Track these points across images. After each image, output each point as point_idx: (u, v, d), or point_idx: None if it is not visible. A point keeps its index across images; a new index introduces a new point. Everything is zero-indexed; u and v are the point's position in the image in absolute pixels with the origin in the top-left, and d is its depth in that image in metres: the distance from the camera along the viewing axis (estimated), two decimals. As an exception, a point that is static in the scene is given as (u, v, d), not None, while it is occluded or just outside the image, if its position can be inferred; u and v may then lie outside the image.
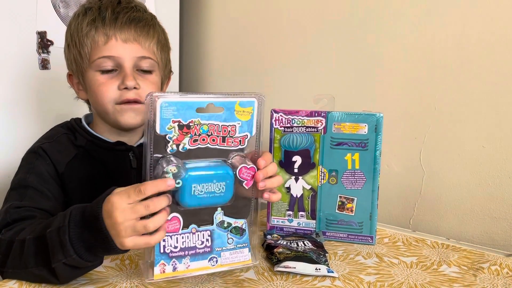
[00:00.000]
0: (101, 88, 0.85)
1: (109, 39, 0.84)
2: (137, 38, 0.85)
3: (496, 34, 1.04)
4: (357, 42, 1.28)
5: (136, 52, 0.85)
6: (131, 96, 0.85)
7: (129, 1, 0.89)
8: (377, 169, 0.90)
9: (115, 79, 0.85)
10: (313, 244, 0.85)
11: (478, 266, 0.81)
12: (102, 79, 0.85)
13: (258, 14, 1.51)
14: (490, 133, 1.06)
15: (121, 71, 0.85)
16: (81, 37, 0.85)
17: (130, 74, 0.84)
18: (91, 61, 0.84)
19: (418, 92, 1.16)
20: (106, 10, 0.85)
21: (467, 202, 1.10)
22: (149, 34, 0.87)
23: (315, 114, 0.91)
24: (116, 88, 0.85)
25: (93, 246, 0.64)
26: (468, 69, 1.09)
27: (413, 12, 1.17)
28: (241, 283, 0.72)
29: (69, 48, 0.88)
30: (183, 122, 0.62)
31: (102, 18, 0.84)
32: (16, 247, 0.68)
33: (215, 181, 0.65)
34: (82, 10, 0.88)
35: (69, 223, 0.64)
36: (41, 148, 0.85)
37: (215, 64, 1.67)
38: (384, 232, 0.97)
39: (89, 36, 0.84)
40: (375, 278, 0.75)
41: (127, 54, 0.84)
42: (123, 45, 0.84)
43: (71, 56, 0.88)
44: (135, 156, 0.90)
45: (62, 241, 0.63)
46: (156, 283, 0.70)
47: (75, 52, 0.86)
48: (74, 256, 0.63)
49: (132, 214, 0.60)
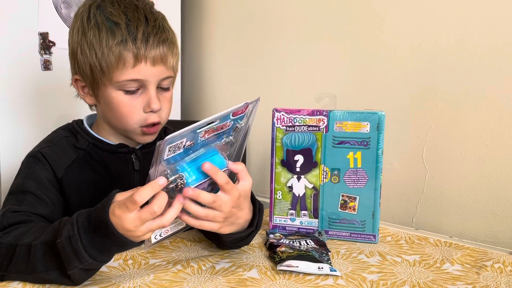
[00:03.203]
0: (125, 109, 0.84)
1: (138, 62, 0.81)
2: (164, 59, 0.84)
3: (498, 32, 1.04)
4: (359, 41, 1.28)
5: (161, 73, 0.84)
6: (155, 119, 0.85)
7: (154, 17, 0.85)
8: (379, 168, 0.90)
9: (140, 101, 0.84)
10: (315, 243, 0.85)
11: (481, 264, 0.81)
12: (126, 99, 0.83)
13: (259, 12, 1.51)
14: (493, 131, 1.06)
15: (145, 92, 0.84)
16: (105, 52, 0.81)
17: (156, 97, 0.84)
18: (116, 80, 0.82)
19: (420, 90, 1.16)
20: (137, 30, 0.81)
21: (470, 200, 1.10)
22: (174, 52, 0.86)
23: (317, 113, 0.91)
24: (141, 110, 0.84)
25: (107, 248, 0.66)
26: (470, 67, 1.08)
27: (416, 10, 1.16)
28: (244, 282, 0.72)
29: (83, 55, 0.84)
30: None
31: (132, 39, 0.80)
32: (21, 252, 0.69)
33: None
34: (102, 20, 0.82)
35: (78, 231, 0.65)
36: (40, 152, 0.85)
37: (216, 63, 1.67)
38: (387, 231, 0.97)
39: (115, 54, 0.80)
40: (378, 276, 0.75)
41: (153, 76, 0.83)
42: (151, 68, 0.82)
43: (85, 65, 0.84)
44: (138, 158, 0.90)
45: (75, 249, 0.65)
46: (163, 269, 0.70)
47: (94, 62, 0.82)
48: (90, 261, 0.65)
49: (141, 222, 0.64)
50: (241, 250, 0.85)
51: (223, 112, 0.66)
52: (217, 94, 1.68)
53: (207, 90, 1.70)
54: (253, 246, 0.87)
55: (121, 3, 0.83)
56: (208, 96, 1.71)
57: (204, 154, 0.69)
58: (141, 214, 0.63)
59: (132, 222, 0.63)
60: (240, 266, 0.78)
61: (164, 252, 0.84)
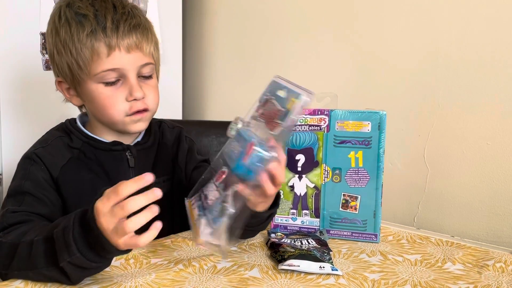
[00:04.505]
0: (108, 101, 0.83)
1: (112, 50, 0.80)
2: (139, 45, 0.83)
3: (500, 31, 1.04)
4: (360, 40, 1.27)
5: (139, 60, 0.83)
6: (140, 106, 0.84)
7: (123, 4, 0.85)
8: (381, 167, 0.90)
9: (121, 91, 0.83)
10: (317, 242, 0.85)
11: (483, 264, 0.81)
12: (107, 91, 0.83)
13: (260, 12, 1.51)
14: (495, 130, 1.06)
15: (125, 81, 0.83)
16: (78, 47, 0.80)
17: (137, 85, 0.83)
18: (93, 73, 0.81)
19: (421, 89, 1.16)
20: (105, 19, 0.80)
21: (472, 199, 1.10)
22: (149, 38, 0.85)
23: (318, 113, 0.91)
24: (124, 100, 0.83)
25: (92, 245, 0.65)
26: (472, 66, 1.08)
27: (417, 9, 1.16)
28: (245, 281, 0.72)
29: (59, 55, 0.83)
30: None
31: (102, 28, 0.80)
32: (23, 249, 0.69)
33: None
34: (72, 16, 0.82)
35: (73, 223, 0.65)
36: (34, 153, 0.85)
37: (218, 63, 1.67)
38: (388, 230, 0.97)
39: (88, 47, 0.80)
40: (380, 276, 0.75)
41: (131, 64, 0.82)
42: (127, 55, 0.82)
43: (63, 64, 0.84)
44: (133, 155, 0.90)
45: (66, 241, 0.64)
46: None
47: (69, 60, 0.82)
48: (78, 255, 0.64)
49: (112, 218, 0.62)
50: (243, 250, 0.85)
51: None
52: (219, 93, 1.68)
53: (209, 89, 1.70)
54: (254, 246, 0.87)
55: None
56: (209, 95, 1.71)
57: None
58: (113, 208, 0.61)
59: (104, 216, 0.61)
60: (241, 266, 0.78)
61: (165, 251, 0.84)
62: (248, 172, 0.67)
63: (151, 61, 0.86)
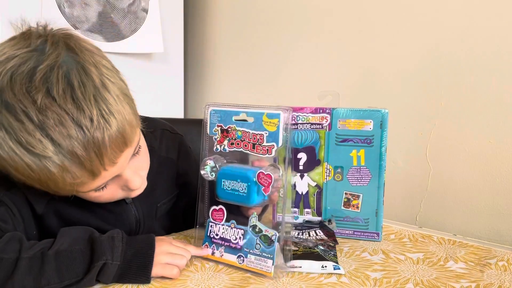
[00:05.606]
0: (103, 198, 0.74)
1: (96, 176, 0.66)
2: (124, 149, 0.68)
3: (502, 30, 1.04)
4: (362, 38, 1.27)
5: (127, 157, 0.70)
6: (138, 192, 0.77)
7: (90, 117, 0.62)
8: (383, 166, 0.90)
9: (116, 184, 0.73)
10: (325, 233, 0.85)
11: (485, 262, 0.81)
12: (100, 193, 0.72)
13: (262, 11, 1.51)
14: (497, 128, 1.05)
15: (118, 176, 0.72)
16: (48, 178, 0.64)
17: (133, 177, 0.72)
18: (81, 191, 0.70)
19: (424, 87, 1.16)
20: (91, 162, 0.64)
21: (474, 198, 1.10)
22: (135, 134, 0.70)
23: (320, 111, 0.91)
24: (120, 190, 0.74)
25: (134, 255, 0.70)
26: (474, 64, 1.08)
27: (420, 8, 1.16)
28: (247, 280, 0.72)
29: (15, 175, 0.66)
30: (223, 127, 0.76)
31: (89, 171, 0.65)
32: (26, 265, 0.63)
33: (239, 180, 0.74)
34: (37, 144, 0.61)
35: (122, 236, 0.70)
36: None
37: (219, 62, 1.67)
38: (390, 229, 0.97)
39: (70, 190, 0.68)
40: (382, 274, 0.75)
41: (121, 168, 0.70)
42: (116, 166, 0.68)
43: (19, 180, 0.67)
44: None
45: (115, 244, 0.68)
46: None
47: (33, 183, 0.67)
48: (120, 258, 0.68)
49: (169, 258, 0.73)
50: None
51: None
52: (220, 93, 1.68)
53: (210, 89, 1.70)
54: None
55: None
56: (211, 94, 1.71)
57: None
58: (173, 244, 0.75)
59: (164, 255, 0.72)
60: (243, 264, 0.78)
61: (167, 250, 0.84)
62: (265, 198, 0.74)
63: (137, 144, 0.73)
